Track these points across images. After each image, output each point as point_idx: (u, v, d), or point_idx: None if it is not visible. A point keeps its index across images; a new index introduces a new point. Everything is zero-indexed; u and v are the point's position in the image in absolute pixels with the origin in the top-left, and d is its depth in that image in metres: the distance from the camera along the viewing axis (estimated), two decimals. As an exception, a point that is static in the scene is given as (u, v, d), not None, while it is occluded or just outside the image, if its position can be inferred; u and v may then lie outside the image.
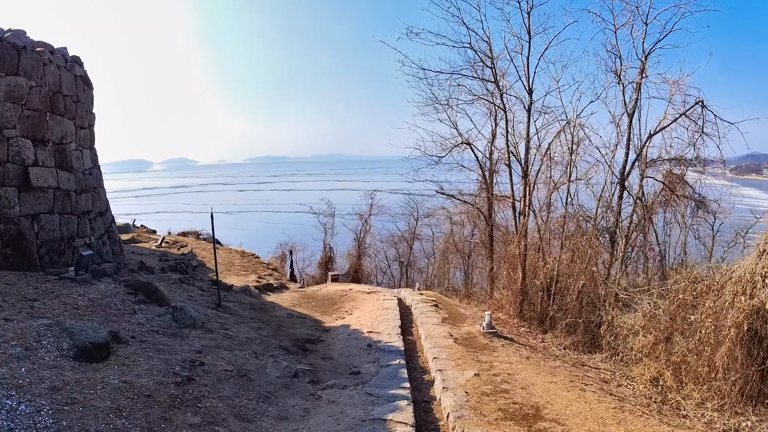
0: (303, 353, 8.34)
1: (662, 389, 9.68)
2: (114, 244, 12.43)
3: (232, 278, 15.27)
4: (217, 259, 17.80)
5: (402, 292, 16.41)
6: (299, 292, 15.07)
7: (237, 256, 18.38)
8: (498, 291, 18.27)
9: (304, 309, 12.71)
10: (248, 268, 16.83)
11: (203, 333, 7.93)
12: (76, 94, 11.65)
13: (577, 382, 7.99)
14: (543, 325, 14.36)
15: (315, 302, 13.70)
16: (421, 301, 13.34)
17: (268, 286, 14.59)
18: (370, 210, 50.70)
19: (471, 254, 41.56)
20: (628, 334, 12.15)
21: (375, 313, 11.72)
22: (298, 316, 11.46)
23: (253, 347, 7.83)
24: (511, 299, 14.89)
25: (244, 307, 11.58)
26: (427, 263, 49.33)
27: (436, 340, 8.95)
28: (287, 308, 12.54)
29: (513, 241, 15.53)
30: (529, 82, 15.35)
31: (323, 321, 11.58)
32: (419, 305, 12.64)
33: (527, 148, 15.13)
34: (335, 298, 14.36)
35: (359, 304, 13.36)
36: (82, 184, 11.33)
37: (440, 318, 11.27)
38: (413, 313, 12.36)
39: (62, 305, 7.29)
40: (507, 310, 15.02)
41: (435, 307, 12.60)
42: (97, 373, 5.39)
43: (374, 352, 8.39)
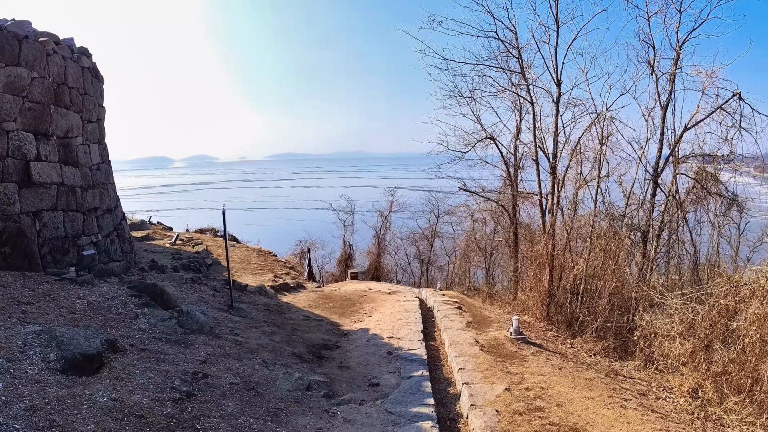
0: (318, 361, 7.72)
1: (702, 402, 8.94)
2: (123, 242, 11.96)
3: (247, 277, 14.74)
4: (233, 257, 17.30)
5: (423, 293, 15.74)
6: (317, 292, 14.49)
7: (253, 255, 17.88)
8: (523, 292, 17.50)
9: (321, 310, 12.11)
10: (265, 267, 16.30)
11: (210, 339, 7.35)
12: (83, 86, 11.17)
13: (616, 398, 7.24)
14: (571, 329, 13.60)
15: (333, 303, 13.10)
16: (443, 302, 12.66)
17: (285, 285, 14.03)
18: (390, 207, 50.01)
19: (493, 252, 40.68)
20: (663, 341, 11.37)
21: (395, 315, 11.07)
22: (314, 319, 10.86)
23: (263, 355, 7.23)
24: (538, 301, 14.14)
25: (258, 308, 11.01)
26: (447, 261, 48.49)
27: (461, 348, 8.26)
28: (303, 309, 11.96)
29: (540, 240, 14.75)
30: (557, 73, 14.55)
31: (341, 324, 10.97)
32: (442, 307, 11.96)
33: (555, 142, 14.33)
34: (354, 298, 13.75)
35: (379, 306, 12.73)
36: (89, 179, 10.85)
37: (464, 322, 10.57)
38: (435, 316, 11.69)
39: (58, 309, 6.75)
40: (533, 313, 14.27)
41: (458, 310, 11.91)
42: (85, 389, 4.82)
43: (395, 361, 7.73)
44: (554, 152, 14.25)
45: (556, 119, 14.32)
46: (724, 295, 9.89)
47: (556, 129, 14.30)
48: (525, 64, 15.03)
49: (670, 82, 14.30)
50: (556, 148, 14.29)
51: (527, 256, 16.95)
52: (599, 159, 13.99)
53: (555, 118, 14.35)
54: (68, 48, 10.85)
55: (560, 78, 14.45)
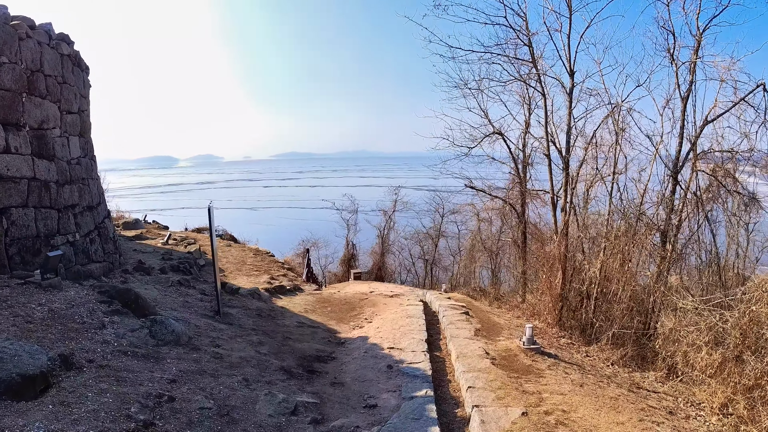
0: (309, 377, 6.85)
1: (734, 421, 8.08)
2: (106, 242, 11.13)
3: (241, 279, 13.91)
4: (228, 258, 16.48)
5: (428, 296, 14.87)
6: (315, 295, 13.64)
7: (250, 255, 17.04)
8: (532, 295, 16.63)
9: (317, 316, 11.25)
10: (261, 268, 15.47)
11: (186, 352, 6.50)
12: (61, 74, 10.34)
13: (647, 421, 6.33)
14: (585, 336, 12.73)
15: (331, 307, 12.24)
16: (449, 307, 11.79)
17: (281, 288, 13.18)
18: (394, 206, 49.11)
19: (499, 253, 39.78)
20: (688, 350, 10.51)
21: (398, 321, 10.20)
22: (309, 325, 10.00)
23: (246, 371, 6.37)
24: (549, 305, 13.24)
25: (249, 314, 10.16)
26: (452, 261, 47.53)
27: (469, 361, 7.39)
28: (299, 315, 11.11)
29: (552, 240, 13.87)
30: (570, 62, 13.64)
31: (338, 331, 10.10)
32: (447, 312, 11.09)
33: (569, 136, 13.44)
34: (354, 302, 12.88)
35: (380, 310, 11.87)
36: (67, 174, 10.01)
37: (472, 329, 9.69)
38: (441, 322, 10.82)
39: (12, 318, 5.89)
40: (544, 318, 13.39)
41: (465, 315, 11.03)
42: (19, 419, 3.96)
43: (395, 377, 6.85)
44: (567, 146, 13.35)
45: (569, 111, 13.43)
46: (756, 300, 9.03)
47: (569, 122, 13.41)
48: (536, 53, 14.15)
49: (690, 72, 13.38)
50: (569, 142, 13.40)
51: (537, 257, 16.06)
52: (615, 153, 13.10)
53: (568, 109, 13.47)
54: (45, 33, 10.02)
55: (573, 68, 13.56)
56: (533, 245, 17.06)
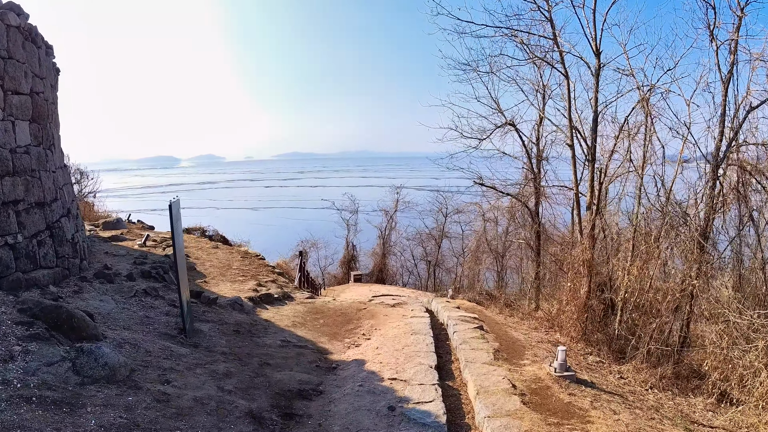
0: (284, 425, 5.18)
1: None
2: (61, 244, 9.47)
3: (224, 286, 12.27)
4: (212, 261, 14.83)
5: (433, 304, 13.23)
6: (306, 304, 11.98)
7: (237, 258, 15.39)
8: (549, 303, 15.01)
9: (307, 331, 9.60)
10: (248, 273, 13.83)
11: (120, 393, 4.84)
12: (7, 48, 8.70)
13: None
14: (613, 352, 11.14)
15: (324, 319, 10.58)
16: (460, 319, 10.13)
17: (267, 297, 11.52)
18: (396, 206, 47.39)
19: (505, 254, 38.10)
20: (745, 374, 8.90)
21: (401, 339, 8.54)
22: (295, 345, 8.33)
23: (197, 420, 4.70)
24: (574, 317, 11.59)
25: (225, 330, 8.52)
26: (455, 263, 45.81)
27: (494, 400, 5.72)
28: (285, 330, 9.45)
29: (576, 243, 12.23)
30: (596, 41, 11.98)
31: (330, 351, 8.44)
32: (459, 327, 9.43)
33: (595, 124, 11.78)
34: (350, 313, 11.23)
35: (380, 323, 10.21)
36: (8, 165, 8.35)
37: (490, 350, 8.04)
38: (451, 338, 9.18)
39: None
40: (567, 331, 11.74)
41: (479, 331, 9.37)
42: None
43: (399, 424, 5.14)
44: (593, 136, 11.69)
45: (595, 95, 11.78)
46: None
47: (595, 108, 11.75)
48: (557, 30, 12.47)
49: (731, 53, 11.75)
50: (595, 130, 11.74)
51: (555, 261, 14.42)
52: (646, 143, 11.44)
53: (594, 93, 11.82)
54: (-17, -2, 8.42)
55: (599, 47, 11.91)
56: (550, 248, 15.41)
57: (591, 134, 11.64)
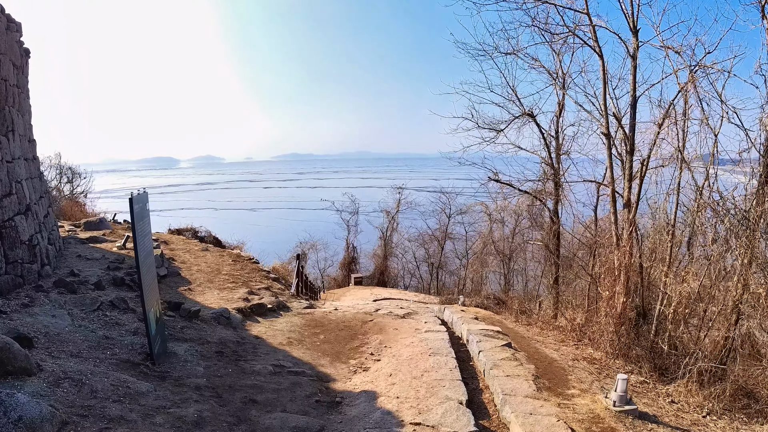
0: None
1: None
2: (14, 247, 7.95)
3: (210, 294, 10.76)
4: (199, 265, 13.31)
5: (447, 313, 11.75)
6: (304, 315, 10.47)
7: (228, 261, 13.87)
8: (572, 310, 13.52)
9: (304, 350, 8.09)
10: (239, 279, 12.31)
11: (35, 466, 3.39)
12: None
13: None
14: (656, 369, 9.68)
15: (324, 334, 9.08)
16: (482, 334, 8.63)
17: (259, 307, 10.01)
18: (398, 206, 45.85)
19: (512, 256, 36.60)
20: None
21: (418, 362, 7.05)
22: (290, 371, 6.82)
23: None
24: (610, 329, 10.11)
25: (206, 352, 7.02)
26: (459, 265, 44.29)
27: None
28: (278, 349, 7.95)
29: (610, 245, 10.73)
30: (633, 18, 10.51)
31: (332, 377, 6.93)
32: (483, 344, 7.93)
33: (633, 110, 10.29)
34: (355, 326, 9.72)
35: (390, 339, 8.71)
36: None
37: (529, 376, 6.55)
38: (476, 360, 7.69)
39: None
40: (601, 345, 10.25)
41: (509, 349, 7.86)
42: None
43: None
44: (632, 123, 10.20)
45: (633, 77, 10.26)
46: None
47: (633, 91, 10.23)
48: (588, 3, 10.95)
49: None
50: (634, 117, 10.25)
51: (583, 265, 12.92)
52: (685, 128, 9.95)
53: (631, 75, 10.29)
54: None
55: (637, 23, 10.43)
56: (577, 250, 13.91)
57: (630, 121, 10.19)
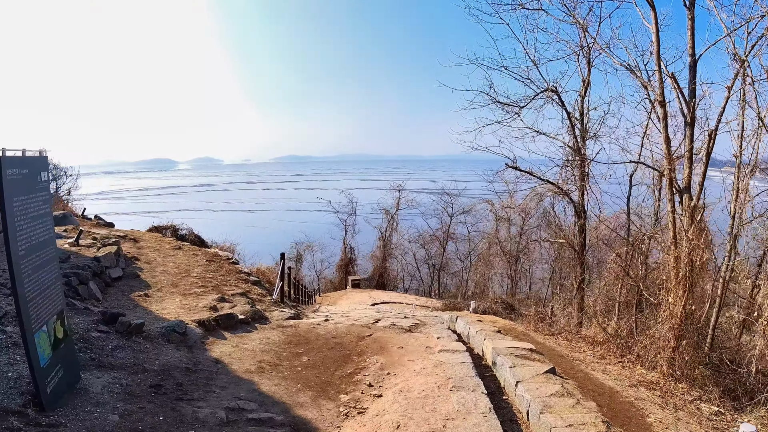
0: None
1: None
2: None
3: (170, 302, 8.62)
4: (167, 267, 11.13)
5: (460, 324, 9.65)
6: (286, 328, 8.33)
7: (201, 262, 11.73)
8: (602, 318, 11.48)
9: (278, 381, 5.94)
10: (210, 282, 10.19)
11: None
12: None
13: None
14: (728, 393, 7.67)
15: (309, 355, 6.94)
16: (512, 354, 6.52)
17: (227, 319, 7.88)
18: (398, 205, 43.76)
19: (519, 257, 34.53)
20: None
21: (434, 403, 4.93)
22: (251, 419, 4.65)
23: None
24: (670, 344, 8.04)
25: (135, 387, 4.91)
26: (461, 267, 42.22)
27: None
28: (243, 379, 5.82)
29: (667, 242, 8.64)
30: (688, -40, 8.46)
31: (312, 426, 4.82)
32: (520, 370, 5.82)
33: (693, 72, 8.22)
34: (349, 343, 7.58)
35: (394, 363, 6.58)
36: None
37: (597, 421, 4.48)
38: (511, 393, 5.59)
39: None
40: (657, 364, 8.20)
41: (555, 379, 5.73)
42: None
43: None
44: (692, 87, 8.13)
45: (691, 32, 8.21)
46: None
47: (692, 48, 8.18)
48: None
49: None
50: (694, 81, 8.18)
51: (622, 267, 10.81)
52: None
53: (690, 30, 8.25)
54: None
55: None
56: (619, 248, 11.77)
57: (689, 85, 8.13)
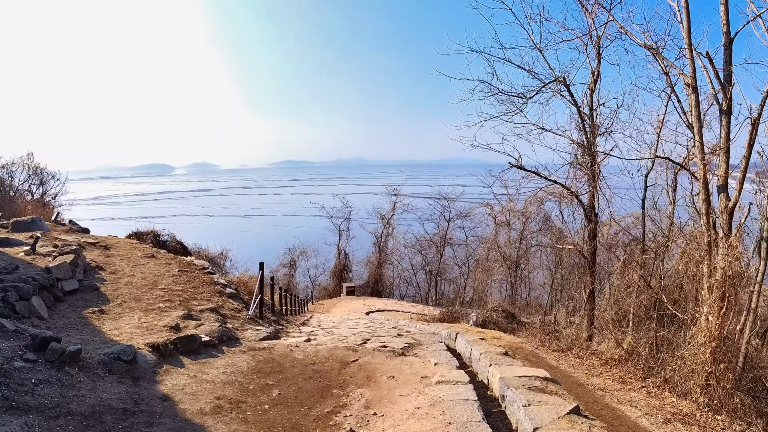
0: None
1: None
2: None
3: (127, 319, 7.45)
4: (134, 278, 9.89)
5: (460, 341, 8.55)
6: (258, 352, 7.15)
7: (173, 272, 10.57)
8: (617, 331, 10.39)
9: (236, 426, 4.73)
10: (178, 296, 9.02)
11: None
12: None
13: None
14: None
15: (280, 387, 5.77)
16: (524, 387, 5.37)
17: (188, 342, 6.69)
18: (393, 209, 42.73)
19: (519, 263, 33.48)
20: None
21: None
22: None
23: None
24: (707, 369, 6.93)
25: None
26: (459, 272, 41.14)
27: None
28: (191, 424, 4.65)
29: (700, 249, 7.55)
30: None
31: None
32: (535, 411, 4.67)
33: (729, 52, 7.15)
34: (330, 371, 6.42)
35: (383, 398, 5.42)
36: None
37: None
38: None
39: None
40: (689, 391, 7.09)
41: (579, 420, 4.65)
42: None
43: None
44: (728, 68, 7.05)
45: (725, 5, 7.14)
46: None
47: (727, 25, 7.11)
48: None
49: None
50: (730, 60, 7.10)
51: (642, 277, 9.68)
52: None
53: (722, 5, 7.18)
54: None
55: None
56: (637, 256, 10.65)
57: (724, 67, 7.05)
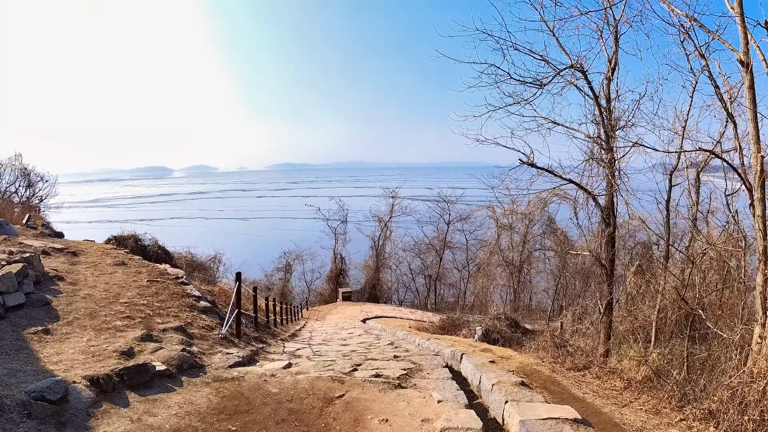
0: None
1: None
2: None
3: (74, 342, 6.25)
4: (95, 290, 8.66)
5: (466, 364, 7.38)
6: (223, 384, 5.91)
7: (141, 281, 9.36)
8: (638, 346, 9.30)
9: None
10: (141, 311, 7.82)
11: None
12: None
13: None
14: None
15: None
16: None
17: (138, 372, 5.49)
18: (391, 212, 41.63)
19: (522, 268, 32.31)
20: None
21: None
22: None
23: None
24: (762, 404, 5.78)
25: None
26: (459, 277, 40.00)
27: None
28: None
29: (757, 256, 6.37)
30: None
31: None
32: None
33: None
34: (308, 412, 5.20)
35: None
36: None
37: None
38: None
39: None
40: (740, 427, 5.94)
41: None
42: None
43: None
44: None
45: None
46: None
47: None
48: None
49: None
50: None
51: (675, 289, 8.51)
52: None
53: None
54: None
55: None
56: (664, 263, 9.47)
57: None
